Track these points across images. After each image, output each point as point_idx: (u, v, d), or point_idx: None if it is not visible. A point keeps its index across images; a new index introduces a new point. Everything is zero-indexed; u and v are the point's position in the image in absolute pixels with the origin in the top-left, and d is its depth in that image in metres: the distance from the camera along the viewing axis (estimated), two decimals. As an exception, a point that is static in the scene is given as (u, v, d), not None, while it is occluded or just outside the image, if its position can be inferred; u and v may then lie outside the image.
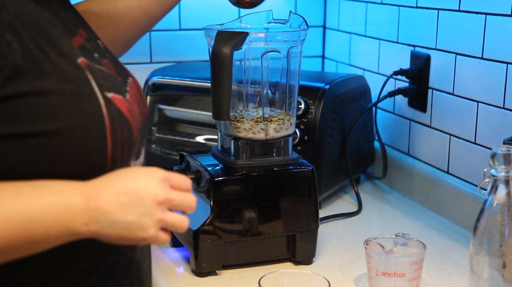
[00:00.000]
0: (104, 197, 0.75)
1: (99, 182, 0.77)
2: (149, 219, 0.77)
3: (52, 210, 0.72)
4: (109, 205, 0.75)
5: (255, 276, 1.11)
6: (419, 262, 1.06)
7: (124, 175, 0.78)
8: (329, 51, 2.00)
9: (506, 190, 0.96)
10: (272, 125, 1.19)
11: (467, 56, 1.37)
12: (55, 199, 0.73)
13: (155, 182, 0.78)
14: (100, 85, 0.80)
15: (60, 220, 0.73)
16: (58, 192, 0.73)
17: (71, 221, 0.73)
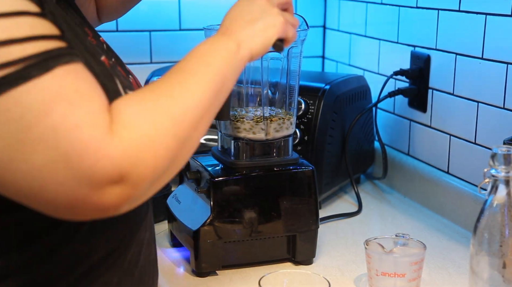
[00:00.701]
0: (236, 28, 0.90)
1: (227, 22, 0.91)
2: (271, 13, 0.92)
3: (207, 45, 0.87)
4: (243, 30, 0.90)
5: (255, 276, 1.11)
6: (419, 262, 1.06)
7: (242, 7, 0.93)
8: (329, 51, 2.00)
9: (506, 190, 0.96)
10: (272, 125, 1.19)
11: (467, 56, 1.37)
12: (215, 55, 0.85)
13: (267, 3, 0.94)
14: (122, 83, 0.83)
15: (217, 46, 0.87)
16: (212, 51, 0.86)
17: (237, 54, 0.87)
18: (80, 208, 0.69)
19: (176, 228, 1.25)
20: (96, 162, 0.66)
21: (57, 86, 0.67)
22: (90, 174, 0.66)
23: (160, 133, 0.72)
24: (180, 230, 1.22)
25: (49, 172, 0.66)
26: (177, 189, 1.32)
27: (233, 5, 0.94)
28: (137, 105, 0.73)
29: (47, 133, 0.65)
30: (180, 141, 0.75)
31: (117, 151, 0.68)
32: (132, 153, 0.69)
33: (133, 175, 0.69)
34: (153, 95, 0.76)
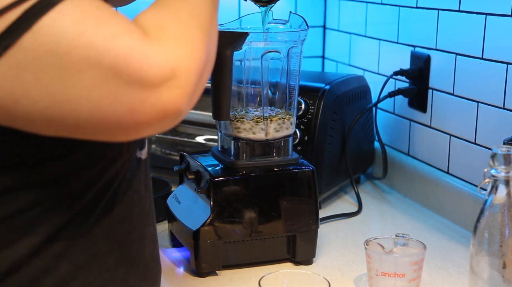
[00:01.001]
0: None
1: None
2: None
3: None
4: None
5: (255, 276, 1.11)
6: (419, 262, 1.06)
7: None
8: (329, 51, 2.00)
9: (506, 190, 0.96)
10: (273, 124, 1.19)
11: (467, 56, 1.37)
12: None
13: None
14: None
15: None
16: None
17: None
18: (141, 115, 0.69)
19: (176, 228, 1.25)
20: (143, 64, 0.67)
21: (81, 8, 0.67)
22: (142, 76, 0.67)
23: (188, 28, 0.74)
24: (180, 230, 1.22)
25: (100, 88, 0.67)
26: (177, 189, 1.32)
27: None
28: (155, 12, 0.75)
29: (86, 52, 0.66)
30: (207, 34, 0.77)
31: (161, 49, 0.69)
32: (174, 48, 0.71)
33: (182, 69, 0.70)
34: (164, 3, 0.78)
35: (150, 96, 0.69)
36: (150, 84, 0.68)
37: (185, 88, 0.71)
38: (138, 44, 0.68)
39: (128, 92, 0.67)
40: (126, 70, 0.67)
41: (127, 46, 0.67)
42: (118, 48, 0.67)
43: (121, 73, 0.67)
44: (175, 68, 0.70)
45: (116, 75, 0.67)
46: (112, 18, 0.69)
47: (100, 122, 0.69)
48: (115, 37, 0.67)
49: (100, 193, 0.81)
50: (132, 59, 0.67)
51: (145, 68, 0.68)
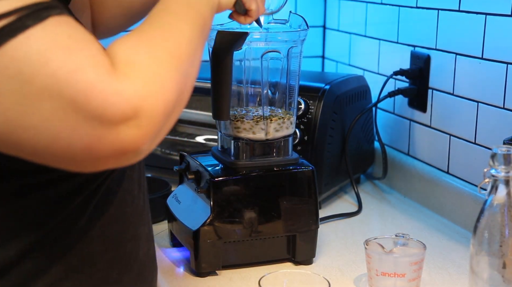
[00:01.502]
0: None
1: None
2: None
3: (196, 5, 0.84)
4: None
5: (255, 276, 1.11)
6: (419, 262, 1.06)
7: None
8: (329, 51, 2.00)
9: (506, 190, 0.96)
10: (272, 124, 1.19)
11: (467, 56, 1.37)
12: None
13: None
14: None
15: (206, 5, 0.85)
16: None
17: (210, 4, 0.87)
18: (97, 151, 0.68)
19: (176, 228, 1.25)
20: (104, 101, 0.66)
21: (51, 35, 0.66)
22: (101, 113, 0.66)
23: (162, 66, 0.72)
24: (180, 230, 1.22)
25: (59, 120, 0.65)
26: (177, 189, 1.32)
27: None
28: (133, 44, 0.73)
29: (48, 82, 0.64)
30: (182, 74, 0.75)
31: (126, 87, 0.67)
32: (141, 87, 0.68)
33: (146, 109, 0.68)
34: (146, 34, 0.75)
35: (109, 134, 0.67)
36: (109, 122, 0.66)
37: (146, 128, 0.68)
38: (102, 80, 0.66)
39: (86, 128, 0.66)
40: (86, 105, 0.65)
41: (90, 81, 0.66)
42: (80, 82, 0.65)
43: (81, 108, 0.65)
44: (137, 108, 0.67)
45: (76, 110, 0.65)
46: (82, 48, 0.67)
47: (57, 153, 0.67)
48: (80, 70, 0.66)
49: (90, 195, 0.81)
50: (93, 95, 0.65)
51: (105, 105, 0.66)
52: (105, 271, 0.84)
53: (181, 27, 0.79)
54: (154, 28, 0.77)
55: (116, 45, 0.72)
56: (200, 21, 0.82)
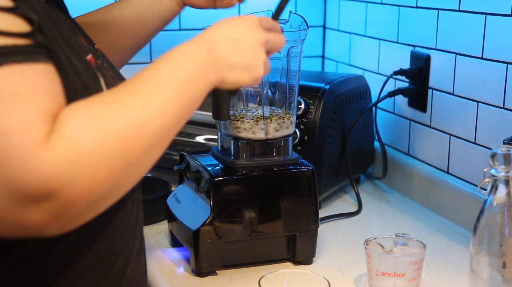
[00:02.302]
0: (220, 45, 0.84)
1: (210, 32, 0.86)
2: (259, 60, 0.88)
3: (191, 70, 0.80)
4: (226, 52, 0.85)
5: (255, 276, 1.11)
6: (419, 262, 1.06)
7: (229, 24, 0.88)
8: (329, 51, 2.00)
9: (506, 190, 0.96)
10: (272, 124, 1.19)
11: (467, 56, 1.37)
12: (187, 61, 0.80)
13: (256, 27, 0.89)
14: (107, 83, 0.80)
15: (200, 75, 0.81)
16: (186, 54, 0.81)
17: (207, 73, 0.82)
18: (1, 222, 0.64)
19: (176, 228, 1.25)
20: (21, 175, 0.61)
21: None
22: (13, 187, 0.62)
23: (104, 153, 0.66)
24: (180, 230, 1.22)
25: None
26: (177, 189, 1.32)
27: (226, 20, 0.90)
28: (85, 117, 0.67)
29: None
30: (126, 165, 0.69)
31: (48, 166, 0.62)
32: (65, 170, 0.63)
33: (64, 195, 0.63)
34: (107, 107, 0.69)
35: (14, 210, 0.63)
36: (19, 198, 0.62)
37: (57, 214, 0.64)
38: (26, 152, 0.62)
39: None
40: (2, 174, 0.62)
41: (13, 150, 0.62)
42: (3, 149, 0.62)
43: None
44: (54, 192, 0.62)
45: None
46: (21, 109, 0.63)
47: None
48: (7, 135, 0.62)
49: None
50: (11, 165, 0.62)
51: (18, 180, 0.62)
52: (92, 286, 0.82)
53: (158, 104, 0.73)
54: (122, 102, 0.70)
55: (70, 112, 0.67)
56: (188, 102, 0.78)
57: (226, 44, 0.85)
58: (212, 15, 1.26)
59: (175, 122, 0.76)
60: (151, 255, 1.25)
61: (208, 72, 0.82)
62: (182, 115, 0.78)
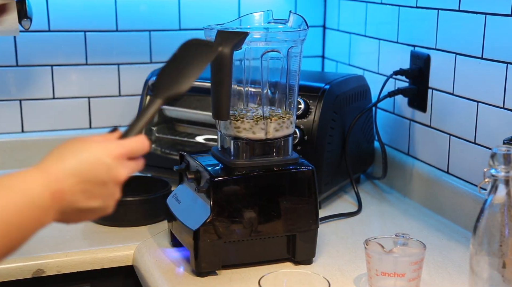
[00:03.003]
0: (68, 187, 0.75)
1: (59, 167, 0.75)
2: (111, 200, 0.80)
3: (25, 214, 0.72)
4: (74, 195, 0.76)
5: (255, 276, 1.11)
6: (419, 262, 1.06)
7: (79, 154, 0.77)
8: (329, 51, 2.00)
9: (506, 190, 0.96)
10: (272, 124, 1.19)
11: (467, 56, 1.37)
12: (24, 201, 0.72)
13: (116, 163, 0.79)
14: None
15: (35, 220, 0.73)
16: (26, 192, 0.73)
17: (44, 217, 0.74)
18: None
19: (176, 228, 1.25)
20: None
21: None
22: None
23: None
24: (180, 230, 1.22)
25: None
26: (177, 189, 1.32)
27: (83, 153, 0.78)
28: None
29: None
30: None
31: None
32: None
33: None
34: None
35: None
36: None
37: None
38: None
39: None
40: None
41: None
42: None
43: None
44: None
45: None
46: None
47: None
48: None
49: None
50: None
51: None
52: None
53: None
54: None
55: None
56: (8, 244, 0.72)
57: (75, 185, 0.76)
58: (212, 16, 1.27)
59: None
60: (151, 255, 1.25)
61: (45, 216, 0.75)
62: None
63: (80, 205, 0.76)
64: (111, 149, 0.79)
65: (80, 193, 0.76)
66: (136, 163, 0.83)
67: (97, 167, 0.77)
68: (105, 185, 0.78)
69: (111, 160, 0.78)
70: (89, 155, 0.77)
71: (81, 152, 0.77)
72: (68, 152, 0.77)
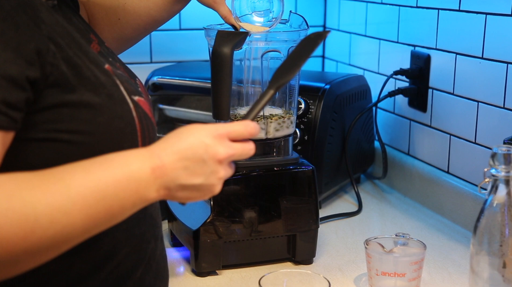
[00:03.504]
0: (169, 163, 0.78)
1: (162, 147, 0.79)
2: (214, 178, 0.81)
3: (122, 184, 0.75)
4: (175, 171, 0.78)
5: (255, 276, 1.11)
6: (419, 262, 1.06)
7: (183, 137, 0.80)
8: (329, 51, 2.00)
9: (506, 190, 0.96)
10: (273, 124, 1.19)
11: (467, 56, 1.37)
12: (123, 173, 0.75)
13: (215, 141, 0.80)
14: (126, 89, 0.85)
15: (132, 192, 0.76)
16: (125, 165, 0.76)
17: (143, 191, 0.76)
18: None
19: (176, 228, 1.25)
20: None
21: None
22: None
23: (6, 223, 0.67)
24: (180, 230, 1.22)
25: None
26: (177, 189, 1.32)
27: (186, 131, 0.81)
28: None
29: None
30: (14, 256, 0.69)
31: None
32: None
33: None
34: (16, 192, 0.70)
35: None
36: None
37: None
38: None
39: None
40: None
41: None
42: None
43: None
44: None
45: None
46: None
47: None
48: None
49: None
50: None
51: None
52: (131, 270, 0.87)
53: (63, 210, 0.71)
54: (30, 195, 0.70)
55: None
56: (107, 216, 0.75)
57: (177, 162, 0.78)
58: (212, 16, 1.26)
59: (80, 233, 0.74)
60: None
61: (144, 190, 0.77)
62: (93, 228, 0.75)
63: (182, 181, 0.78)
64: (211, 130, 0.81)
65: (181, 170, 0.78)
66: (241, 145, 0.83)
67: (196, 145, 0.79)
68: (205, 163, 0.79)
69: (209, 139, 0.80)
70: (191, 136, 0.80)
71: (186, 135, 0.80)
72: (174, 135, 0.80)
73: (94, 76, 0.80)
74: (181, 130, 0.81)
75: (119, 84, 0.84)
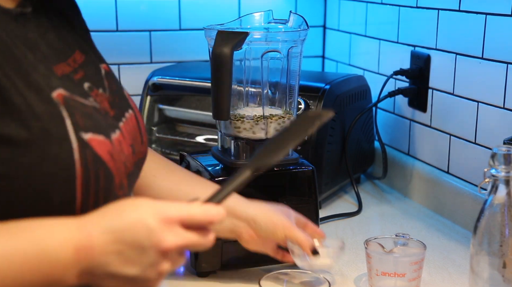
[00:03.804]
0: (99, 245, 0.65)
1: (95, 222, 0.66)
2: (153, 272, 0.67)
3: (32, 264, 0.64)
4: (105, 255, 0.65)
5: (255, 276, 1.11)
6: (419, 262, 1.06)
7: (125, 213, 0.67)
8: (329, 51, 2.00)
9: (506, 190, 0.96)
10: (273, 124, 1.19)
11: (467, 56, 1.37)
12: (36, 250, 0.64)
13: (161, 226, 0.66)
14: (75, 124, 0.70)
15: (42, 274, 0.64)
16: (42, 239, 0.64)
17: (59, 274, 0.65)
18: None
19: (176, 228, 1.25)
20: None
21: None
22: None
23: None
24: (180, 230, 1.22)
25: None
26: (177, 189, 1.32)
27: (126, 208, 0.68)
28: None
29: None
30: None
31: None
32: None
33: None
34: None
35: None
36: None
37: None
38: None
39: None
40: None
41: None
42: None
43: None
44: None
45: None
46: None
47: None
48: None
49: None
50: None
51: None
52: None
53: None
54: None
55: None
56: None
57: (109, 245, 0.65)
58: (212, 16, 1.27)
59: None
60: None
61: (62, 274, 0.65)
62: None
63: (112, 269, 0.65)
64: (160, 211, 0.66)
65: (113, 255, 0.65)
66: (196, 236, 0.68)
67: (137, 227, 0.65)
68: (144, 251, 0.65)
69: (155, 222, 0.65)
70: (133, 213, 0.66)
71: (128, 211, 0.67)
72: (114, 208, 0.67)
73: (26, 104, 0.66)
74: (125, 203, 0.68)
75: (66, 116, 0.69)
